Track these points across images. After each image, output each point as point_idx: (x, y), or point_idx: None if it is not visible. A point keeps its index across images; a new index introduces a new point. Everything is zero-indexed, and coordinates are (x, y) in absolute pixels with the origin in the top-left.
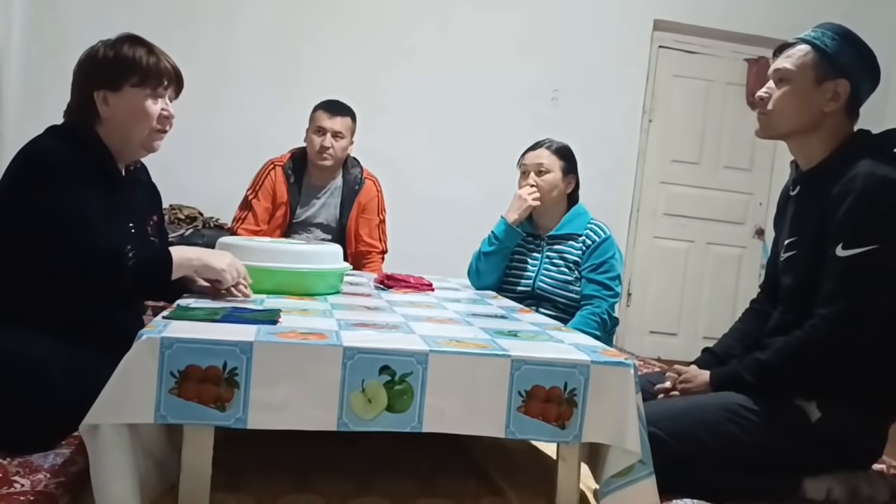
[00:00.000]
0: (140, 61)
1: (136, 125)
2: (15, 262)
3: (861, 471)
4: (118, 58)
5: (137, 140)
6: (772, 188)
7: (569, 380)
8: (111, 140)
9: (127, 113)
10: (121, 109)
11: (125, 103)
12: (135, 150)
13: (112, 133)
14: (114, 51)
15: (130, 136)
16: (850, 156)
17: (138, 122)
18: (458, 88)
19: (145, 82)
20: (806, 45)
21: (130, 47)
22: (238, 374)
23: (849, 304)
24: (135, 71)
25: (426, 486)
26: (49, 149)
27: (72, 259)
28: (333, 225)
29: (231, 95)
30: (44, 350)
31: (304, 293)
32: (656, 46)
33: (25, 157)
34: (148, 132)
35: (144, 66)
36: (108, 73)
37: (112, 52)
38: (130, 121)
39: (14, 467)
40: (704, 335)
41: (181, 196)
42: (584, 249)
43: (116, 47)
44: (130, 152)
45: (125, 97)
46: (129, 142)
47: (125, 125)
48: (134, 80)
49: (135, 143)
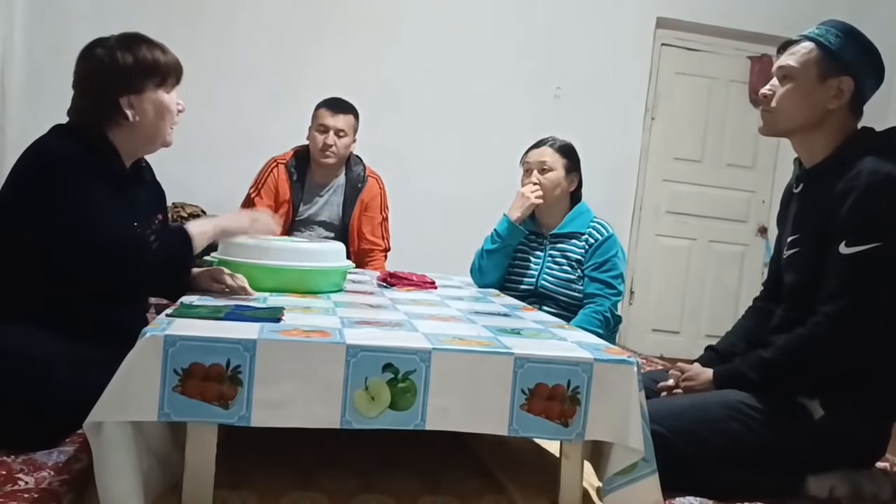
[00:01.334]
0: (159, 61)
1: (162, 122)
2: (21, 260)
3: (864, 468)
4: (140, 62)
5: (162, 136)
6: (774, 186)
7: (572, 378)
8: (132, 140)
9: (153, 113)
10: (147, 110)
11: (150, 104)
12: (155, 146)
13: (137, 134)
14: (132, 55)
15: (157, 133)
16: (854, 153)
17: (164, 119)
18: (461, 86)
19: (165, 81)
20: (810, 42)
21: (148, 49)
22: (241, 372)
23: (852, 302)
24: (157, 72)
25: (429, 483)
26: (56, 148)
27: (96, 253)
28: (336, 223)
29: (234, 93)
30: (48, 348)
31: (307, 291)
32: (659, 44)
33: (33, 156)
34: (170, 127)
35: (163, 66)
36: (131, 78)
37: (131, 56)
38: (157, 119)
39: (18, 465)
40: (707, 333)
41: (184, 194)
42: (587, 248)
43: (133, 51)
44: (151, 149)
45: (149, 98)
46: (154, 139)
47: (153, 124)
48: (156, 80)
49: (159, 139)
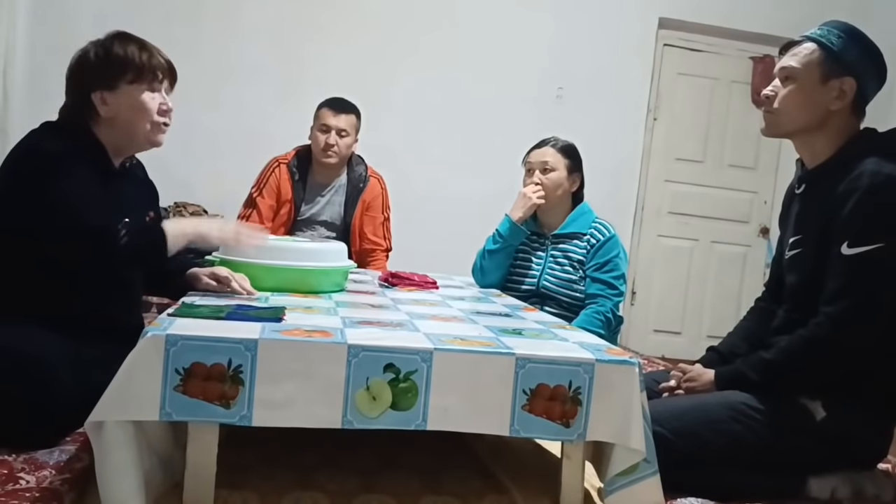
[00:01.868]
0: (133, 58)
1: (138, 121)
2: (16, 256)
3: (866, 470)
4: (110, 57)
5: (142, 135)
6: (776, 187)
7: (573, 378)
8: (112, 138)
9: (127, 110)
10: (121, 107)
11: (124, 101)
12: (140, 145)
13: (115, 131)
14: (104, 50)
15: (134, 131)
16: (856, 154)
17: (140, 118)
18: (462, 86)
19: (140, 78)
20: (812, 43)
21: (121, 45)
22: (243, 372)
23: (854, 303)
24: (128, 68)
25: (430, 484)
26: (41, 143)
27: (63, 238)
28: (338, 223)
29: (235, 93)
30: (49, 347)
31: (309, 291)
32: (661, 45)
33: (20, 151)
34: (150, 126)
35: (138, 63)
36: (102, 74)
37: (103, 51)
38: (132, 117)
39: (19, 464)
40: (708, 334)
41: (186, 194)
42: (589, 248)
43: (107, 46)
44: (135, 147)
45: (122, 95)
46: (133, 138)
47: (127, 122)
48: (129, 77)
49: (139, 138)
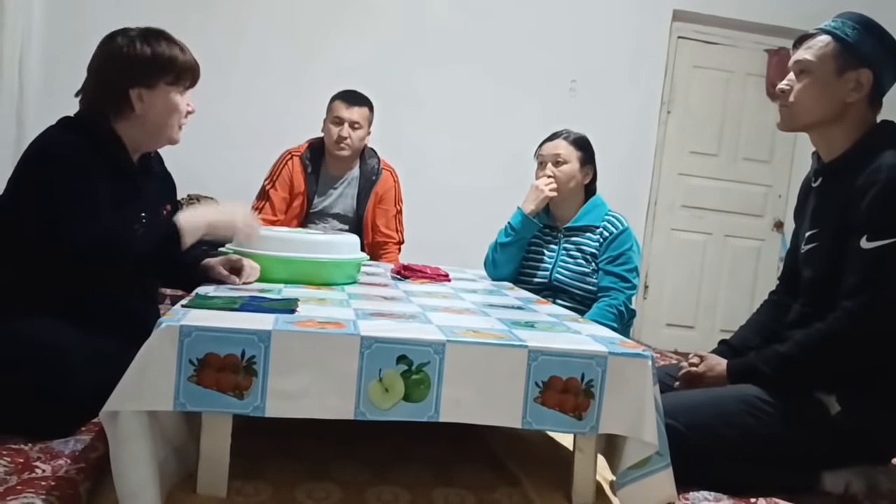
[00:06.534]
0: (176, 60)
1: (169, 120)
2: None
3: (880, 464)
4: (156, 56)
5: (167, 134)
6: (791, 180)
7: (586, 371)
8: (136, 134)
9: (161, 109)
10: (155, 106)
11: (160, 100)
12: (159, 143)
13: (141, 128)
14: (150, 49)
15: (161, 131)
16: (874, 146)
17: (171, 119)
18: (475, 78)
19: (179, 80)
20: (826, 35)
21: (167, 46)
22: (256, 363)
23: (873, 297)
24: (171, 69)
25: (442, 475)
26: (58, 141)
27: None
28: (350, 215)
29: (249, 85)
30: (64, 337)
31: (322, 283)
32: (675, 37)
33: (36, 150)
34: (177, 127)
35: (179, 65)
36: (144, 71)
37: (149, 49)
38: (164, 117)
39: (35, 453)
40: (722, 328)
41: (199, 186)
42: (602, 241)
43: (152, 45)
44: (154, 145)
45: (160, 94)
46: (158, 136)
47: (157, 121)
48: (169, 78)
49: (163, 137)
